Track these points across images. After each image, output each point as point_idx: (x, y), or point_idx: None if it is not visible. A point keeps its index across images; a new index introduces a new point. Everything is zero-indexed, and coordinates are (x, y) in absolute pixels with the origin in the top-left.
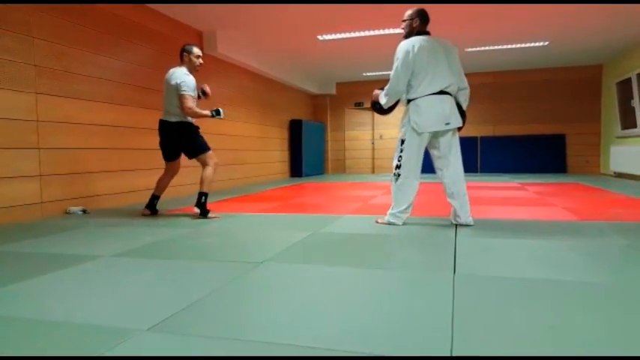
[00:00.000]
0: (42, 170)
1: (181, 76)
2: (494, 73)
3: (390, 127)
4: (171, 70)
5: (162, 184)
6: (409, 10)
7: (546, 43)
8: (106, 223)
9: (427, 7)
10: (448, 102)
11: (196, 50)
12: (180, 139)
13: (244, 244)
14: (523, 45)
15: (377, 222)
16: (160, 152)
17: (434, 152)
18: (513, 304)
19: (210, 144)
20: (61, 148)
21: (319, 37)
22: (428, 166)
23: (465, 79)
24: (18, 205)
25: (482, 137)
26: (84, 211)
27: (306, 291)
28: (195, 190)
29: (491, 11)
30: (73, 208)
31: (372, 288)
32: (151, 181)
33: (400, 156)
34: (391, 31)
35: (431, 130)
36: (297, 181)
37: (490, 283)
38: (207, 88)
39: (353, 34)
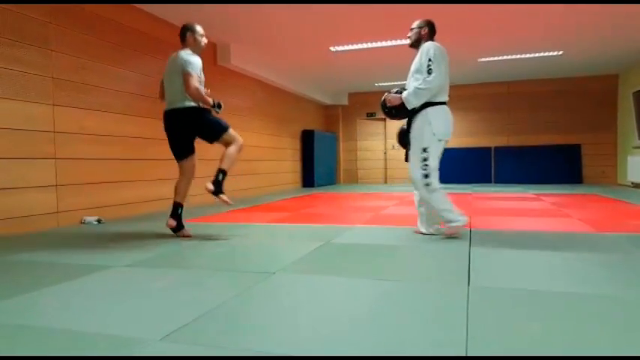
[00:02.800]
0: (58, 180)
1: (186, 56)
2: (508, 83)
3: None
4: (174, 54)
5: (180, 190)
6: (417, 20)
7: (560, 52)
8: (120, 233)
9: (441, 15)
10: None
11: (199, 29)
12: (195, 125)
13: (257, 255)
14: (537, 55)
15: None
16: (170, 160)
17: None
18: (529, 317)
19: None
20: (76, 159)
21: (332, 49)
22: (448, 177)
23: None
24: (34, 215)
25: (496, 147)
26: (99, 221)
27: (319, 302)
28: (206, 200)
29: (505, 21)
30: (88, 218)
31: (385, 300)
32: (165, 191)
33: (426, 164)
34: (403, 41)
35: (448, 139)
36: (309, 191)
37: (504, 296)
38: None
39: (365, 45)
